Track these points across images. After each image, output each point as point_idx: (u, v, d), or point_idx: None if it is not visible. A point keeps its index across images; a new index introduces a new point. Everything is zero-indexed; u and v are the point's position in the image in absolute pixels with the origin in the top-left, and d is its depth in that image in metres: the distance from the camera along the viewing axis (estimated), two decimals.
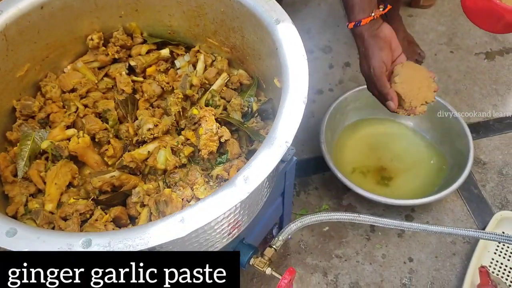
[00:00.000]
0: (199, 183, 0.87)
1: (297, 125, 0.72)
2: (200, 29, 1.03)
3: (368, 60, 1.01)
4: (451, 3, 1.95)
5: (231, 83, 1.02)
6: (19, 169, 0.87)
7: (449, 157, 1.43)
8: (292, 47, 0.82)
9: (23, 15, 0.90)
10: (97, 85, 1.01)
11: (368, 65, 1.01)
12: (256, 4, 0.88)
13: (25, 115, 0.94)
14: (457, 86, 1.70)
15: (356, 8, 0.99)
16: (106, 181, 0.87)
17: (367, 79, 1.05)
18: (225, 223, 0.75)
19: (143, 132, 0.90)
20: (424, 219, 1.40)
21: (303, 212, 1.41)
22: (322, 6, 1.93)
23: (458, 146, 1.39)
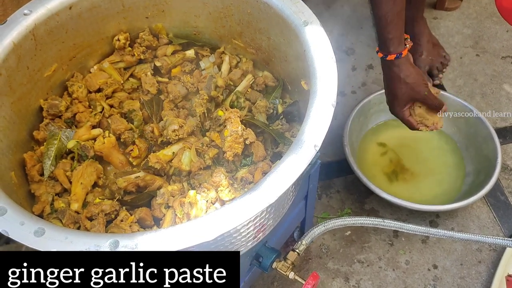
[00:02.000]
0: (223, 185, 0.87)
1: (326, 129, 0.71)
2: (225, 30, 1.02)
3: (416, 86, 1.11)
4: (477, 6, 1.91)
5: (256, 85, 1.02)
6: (46, 168, 0.88)
7: (475, 162, 1.39)
8: (321, 50, 0.81)
9: (52, 15, 0.90)
10: (122, 86, 1.02)
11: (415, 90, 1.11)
12: (283, 5, 0.87)
13: (52, 115, 0.95)
14: (484, 90, 1.66)
15: (396, 41, 1.06)
16: (131, 182, 0.87)
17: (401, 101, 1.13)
18: (251, 227, 0.74)
19: (168, 133, 0.90)
20: (449, 225, 1.37)
21: (324, 215, 1.40)
22: (345, 8, 1.91)
23: (485, 151, 1.36)
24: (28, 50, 0.89)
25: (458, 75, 1.70)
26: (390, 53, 1.08)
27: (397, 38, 1.07)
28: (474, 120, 1.40)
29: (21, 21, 0.87)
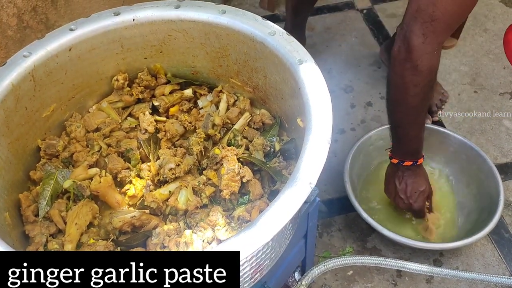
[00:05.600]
0: (220, 224, 0.85)
1: (322, 166, 0.70)
2: (223, 69, 1.04)
3: (427, 188, 1.27)
4: (473, 44, 1.94)
5: (253, 123, 1.02)
6: (41, 208, 0.87)
7: (477, 200, 1.38)
8: (315, 87, 0.81)
9: (51, 57, 0.92)
10: (120, 125, 1.02)
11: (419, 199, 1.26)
12: (278, 45, 0.88)
13: (49, 154, 0.95)
14: (483, 126, 1.67)
15: (420, 150, 1.22)
16: (126, 221, 0.86)
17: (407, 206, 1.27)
18: (247, 267, 0.72)
19: (165, 172, 0.90)
20: (453, 264, 1.34)
21: (326, 254, 1.37)
22: (343, 46, 1.95)
23: (487, 189, 1.34)
24: (27, 91, 0.89)
25: (456, 111, 1.70)
26: (411, 159, 1.21)
27: (421, 147, 1.21)
28: (475, 157, 1.39)
29: (20, 63, 0.88)
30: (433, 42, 1.02)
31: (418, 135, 1.18)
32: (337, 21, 2.04)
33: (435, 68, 1.07)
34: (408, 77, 1.05)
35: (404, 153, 1.21)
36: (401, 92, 1.10)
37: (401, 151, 1.21)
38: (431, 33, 1.01)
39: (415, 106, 1.11)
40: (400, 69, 1.06)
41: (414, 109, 1.12)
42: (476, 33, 1.97)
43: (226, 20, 0.94)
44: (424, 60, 1.03)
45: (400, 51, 1.05)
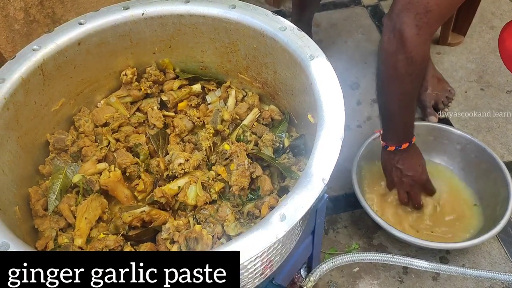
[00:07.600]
0: (229, 219, 0.85)
1: (334, 162, 0.70)
2: (232, 65, 1.03)
3: (416, 178, 1.27)
4: (480, 41, 1.93)
5: (262, 119, 1.02)
6: (50, 203, 0.87)
7: (485, 198, 1.37)
8: (327, 83, 0.81)
9: (61, 51, 0.91)
10: (129, 120, 1.02)
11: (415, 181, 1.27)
12: (289, 40, 0.88)
13: (58, 149, 0.94)
14: (490, 124, 1.66)
15: (412, 131, 1.20)
16: (136, 216, 0.85)
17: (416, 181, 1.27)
18: (259, 263, 0.72)
19: (174, 167, 0.89)
20: (459, 262, 1.33)
21: (332, 251, 1.37)
22: (349, 43, 1.94)
23: (495, 187, 1.34)
24: (36, 85, 0.89)
25: (463, 109, 1.70)
26: (404, 141, 1.18)
27: (412, 127, 1.18)
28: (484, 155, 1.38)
29: (30, 57, 0.88)
30: (426, 33, 1.01)
31: (413, 117, 1.18)
32: (343, 18, 2.03)
33: (428, 56, 1.06)
34: (402, 68, 1.04)
35: (401, 139, 1.19)
36: (396, 82, 1.08)
37: (398, 137, 1.20)
38: (425, 24, 0.99)
39: (411, 92, 1.11)
40: (393, 61, 1.04)
41: (410, 95, 1.12)
42: (483, 30, 1.96)
43: (236, 15, 0.93)
44: (418, 51, 1.02)
45: (391, 43, 1.03)
